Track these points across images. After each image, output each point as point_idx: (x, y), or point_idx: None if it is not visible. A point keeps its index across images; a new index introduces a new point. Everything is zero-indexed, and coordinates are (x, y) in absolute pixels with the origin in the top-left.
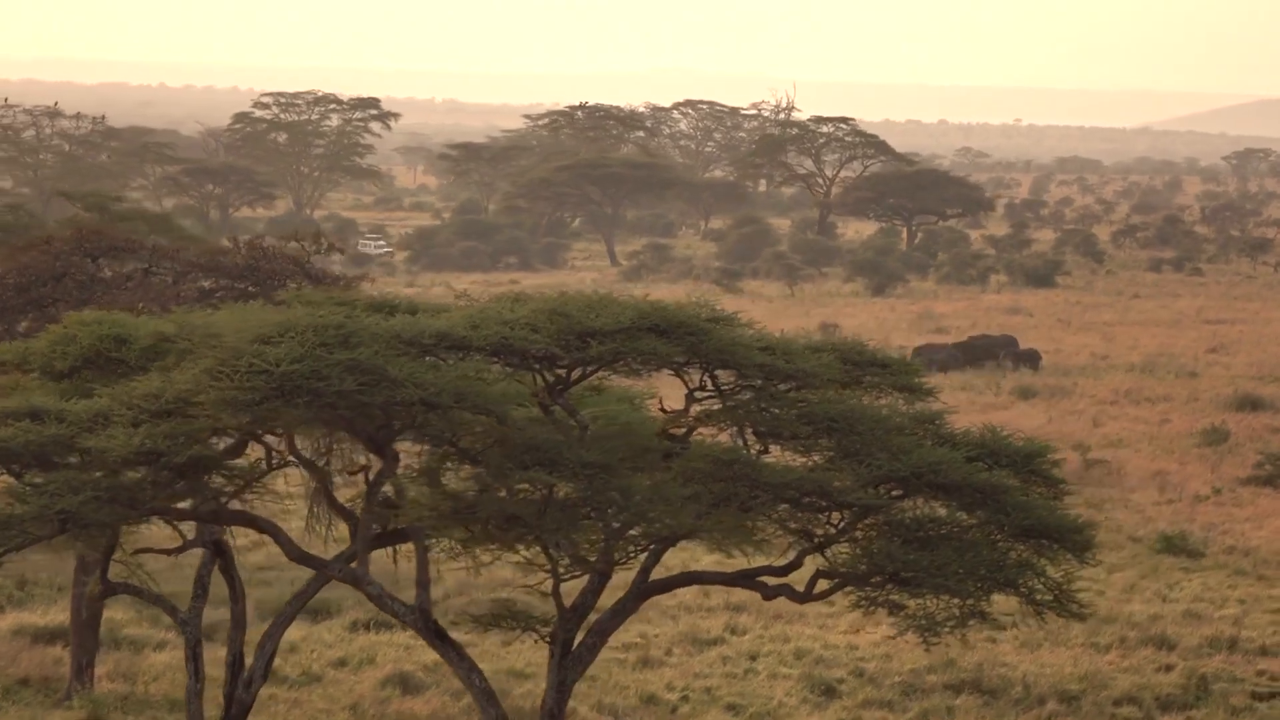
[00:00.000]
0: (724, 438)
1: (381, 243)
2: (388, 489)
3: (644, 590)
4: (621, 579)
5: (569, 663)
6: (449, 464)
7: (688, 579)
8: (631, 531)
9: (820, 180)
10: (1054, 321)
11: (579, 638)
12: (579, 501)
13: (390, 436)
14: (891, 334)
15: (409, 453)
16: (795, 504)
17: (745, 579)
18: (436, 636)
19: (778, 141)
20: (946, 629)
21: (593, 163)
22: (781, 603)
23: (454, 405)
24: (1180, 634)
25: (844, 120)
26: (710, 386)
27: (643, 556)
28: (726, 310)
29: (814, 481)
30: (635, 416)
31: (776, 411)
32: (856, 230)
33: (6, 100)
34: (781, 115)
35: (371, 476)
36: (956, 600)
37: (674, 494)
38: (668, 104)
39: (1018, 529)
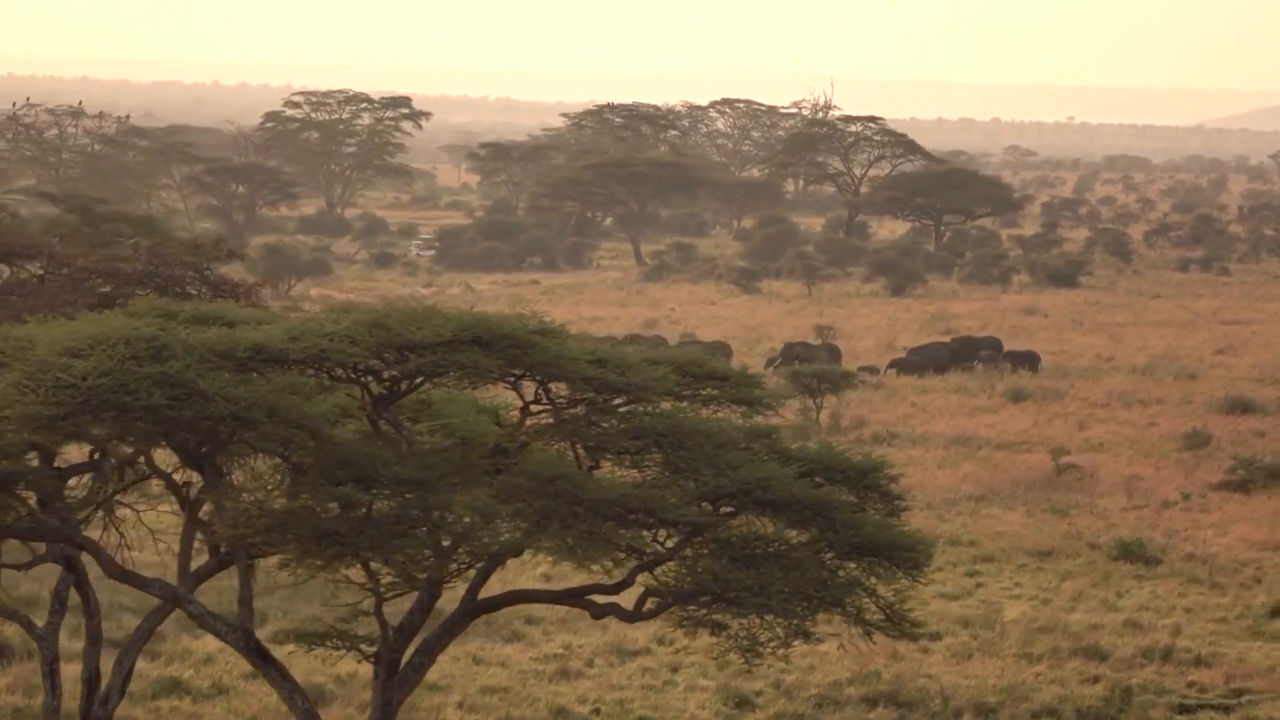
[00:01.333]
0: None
1: (422, 242)
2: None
3: (472, 609)
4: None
5: (394, 684)
6: (279, 480)
7: (516, 597)
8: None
9: (849, 179)
10: (1067, 322)
11: (407, 656)
12: (397, 519)
13: (213, 452)
14: (901, 334)
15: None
16: (620, 521)
17: (574, 597)
18: (258, 656)
19: (807, 140)
20: (769, 650)
21: (619, 162)
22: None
23: (266, 420)
24: (1116, 644)
25: (873, 119)
26: (545, 400)
27: (483, 572)
28: (555, 321)
29: (639, 498)
30: (478, 429)
31: (604, 426)
32: (891, 230)
33: (29, 99)
34: (819, 114)
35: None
36: (780, 620)
37: (494, 511)
38: (720, 101)
39: (847, 547)
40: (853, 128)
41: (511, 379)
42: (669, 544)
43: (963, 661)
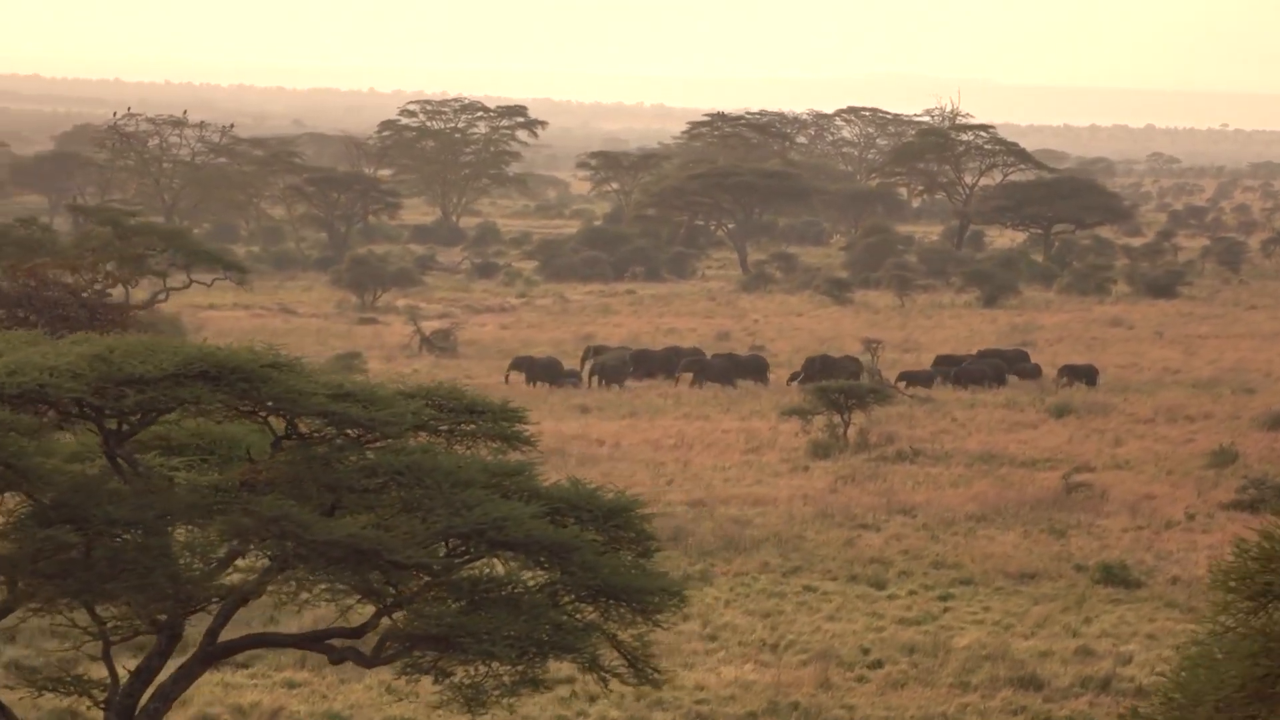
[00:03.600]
0: None
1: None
2: None
3: (209, 653)
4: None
5: None
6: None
7: (254, 641)
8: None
9: (960, 188)
10: (1151, 334)
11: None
12: (110, 560)
13: None
14: (977, 347)
15: None
16: (351, 563)
17: (314, 641)
18: None
19: (916, 149)
20: (493, 698)
21: (725, 171)
22: (665, 638)
23: None
24: (1058, 673)
25: (984, 127)
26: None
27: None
28: (291, 355)
29: (367, 539)
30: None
31: (339, 464)
32: (1011, 239)
33: (130, 109)
34: (946, 121)
35: None
36: (506, 667)
37: (213, 552)
38: (845, 109)
39: (585, 589)
40: (963, 136)
41: (261, 416)
42: (409, 586)
43: (895, 691)
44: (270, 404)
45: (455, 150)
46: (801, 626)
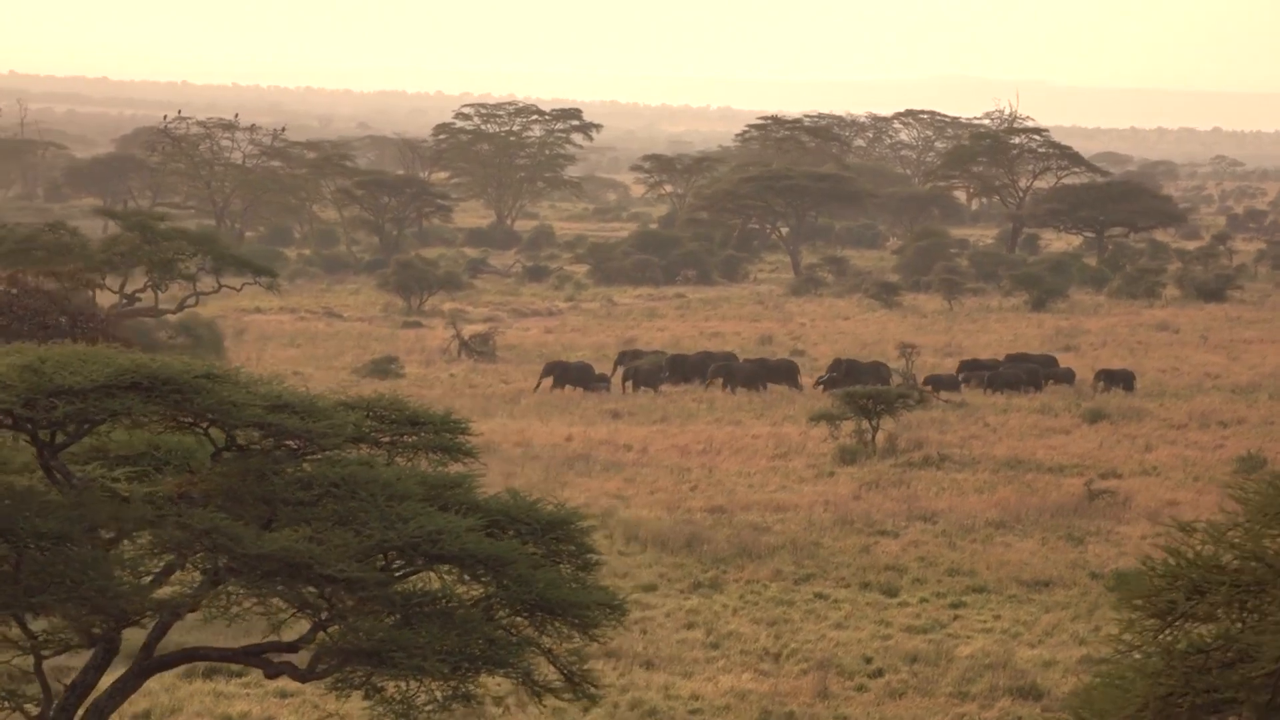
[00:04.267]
0: None
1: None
2: None
3: (145, 668)
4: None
5: None
6: None
7: (190, 655)
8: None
9: (1014, 192)
10: (1195, 338)
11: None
12: (35, 573)
13: None
14: (1020, 351)
15: None
16: (279, 577)
17: (250, 655)
18: None
19: (969, 153)
20: (425, 714)
21: (776, 174)
22: (649, 645)
23: None
24: (1058, 683)
25: (1037, 131)
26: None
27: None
28: (226, 367)
29: (299, 553)
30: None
31: (274, 476)
32: (1068, 243)
33: (180, 112)
34: (1004, 125)
35: None
36: (438, 682)
37: (143, 567)
38: (904, 113)
39: (519, 604)
40: (1016, 139)
41: (202, 428)
42: (343, 600)
43: (893, 700)
44: (205, 415)
45: (510, 153)
46: (807, 635)
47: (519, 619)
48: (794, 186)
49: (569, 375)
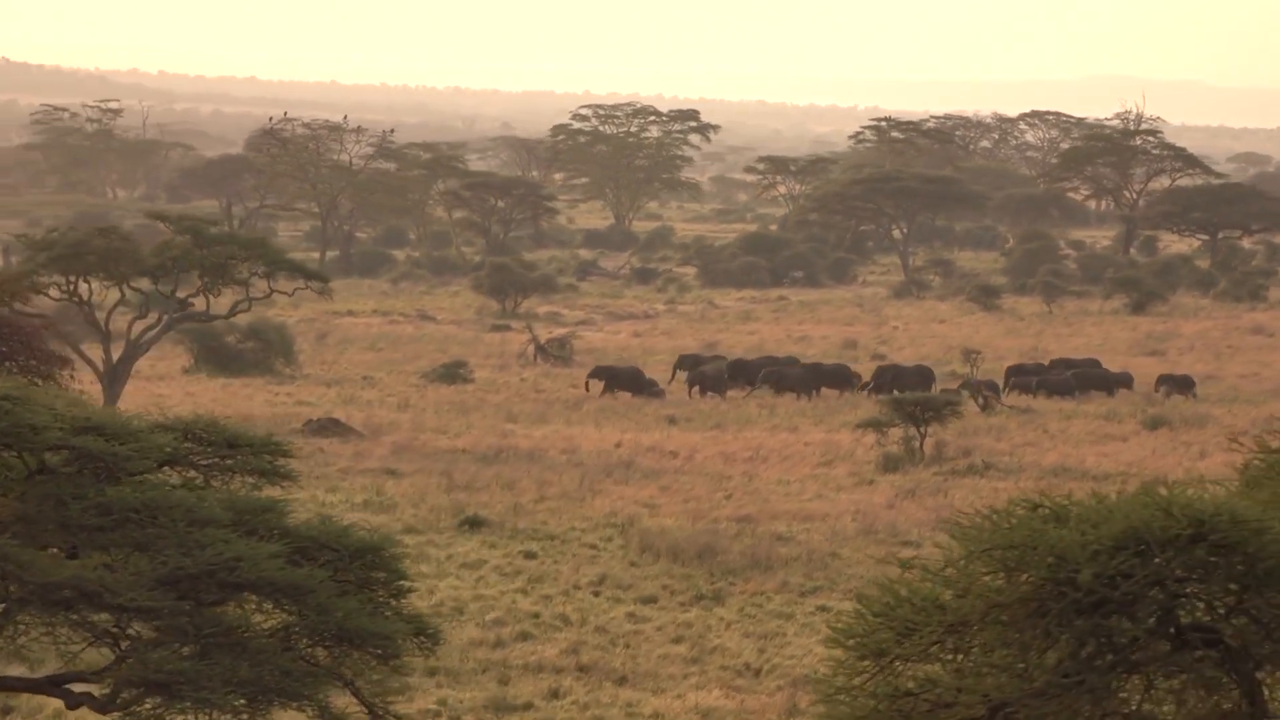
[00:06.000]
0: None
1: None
2: None
3: None
4: None
5: None
6: None
7: None
8: None
9: (1129, 194)
10: None
11: None
12: None
13: None
14: (1111, 356)
15: None
16: (73, 606)
17: (51, 685)
18: None
19: (1083, 154)
20: None
21: (885, 176)
22: (629, 660)
23: None
24: None
25: (1152, 133)
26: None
27: None
28: (40, 388)
29: (90, 581)
30: None
31: (73, 502)
32: (1189, 245)
33: (286, 114)
34: (1131, 126)
35: None
36: (228, 716)
37: None
38: (1029, 113)
39: (318, 633)
40: (1131, 141)
41: (14, 451)
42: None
43: None
44: (4, 440)
45: (628, 154)
46: (794, 650)
47: (319, 650)
48: (903, 189)
49: (617, 380)
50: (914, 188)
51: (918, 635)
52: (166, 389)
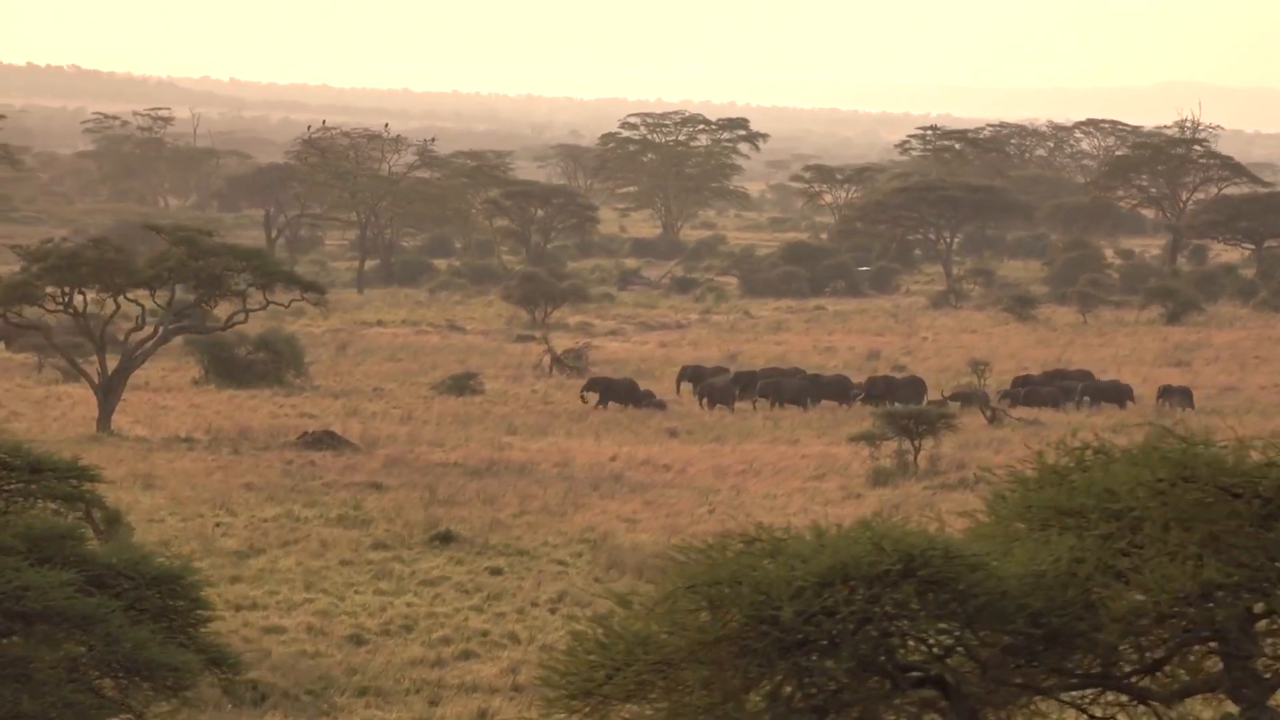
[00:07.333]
0: None
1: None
2: None
3: None
4: None
5: None
6: None
7: None
8: None
9: (1175, 203)
10: None
11: None
12: None
13: None
14: (1136, 367)
15: None
16: None
17: None
18: None
19: (1130, 163)
20: None
21: (928, 185)
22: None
23: None
24: None
25: (1198, 141)
26: None
27: None
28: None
29: None
30: None
31: None
32: (1241, 255)
33: (325, 123)
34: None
35: None
36: None
37: None
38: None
39: (106, 664)
40: (1177, 150)
41: None
42: None
43: None
44: None
45: (678, 163)
46: None
47: (107, 680)
48: (946, 198)
49: (612, 391)
50: (957, 197)
51: (623, 673)
52: (172, 400)
